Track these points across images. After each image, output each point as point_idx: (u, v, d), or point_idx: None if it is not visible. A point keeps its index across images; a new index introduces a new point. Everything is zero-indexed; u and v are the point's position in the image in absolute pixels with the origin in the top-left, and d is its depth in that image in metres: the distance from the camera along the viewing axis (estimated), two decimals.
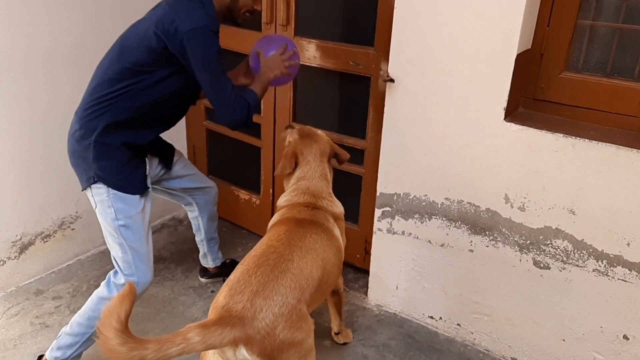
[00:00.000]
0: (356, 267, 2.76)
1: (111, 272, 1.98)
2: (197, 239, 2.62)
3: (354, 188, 2.62)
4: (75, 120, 1.90)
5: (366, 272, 2.60)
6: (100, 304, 1.90)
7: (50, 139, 2.48)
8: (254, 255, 1.67)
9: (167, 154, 2.18)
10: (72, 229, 2.71)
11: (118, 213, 1.89)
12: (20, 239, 2.50)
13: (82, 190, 1.94)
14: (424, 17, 1.98)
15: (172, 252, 2.95)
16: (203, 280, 2.70)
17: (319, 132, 2.11)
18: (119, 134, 1.85)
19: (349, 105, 2.55)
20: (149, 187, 2.00)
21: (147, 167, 1.99)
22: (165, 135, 3.03)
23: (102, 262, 2.78)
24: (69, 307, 2.45)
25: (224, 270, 2.66)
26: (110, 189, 1.87)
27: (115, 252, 1.94)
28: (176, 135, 3.12)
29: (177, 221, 3.25)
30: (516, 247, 2.06)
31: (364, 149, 2.50)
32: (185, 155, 3.21)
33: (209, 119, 3.08)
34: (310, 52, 2.48)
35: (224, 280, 2.57)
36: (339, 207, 2.06)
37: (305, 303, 1.63)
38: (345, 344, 2.29)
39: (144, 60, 1.81)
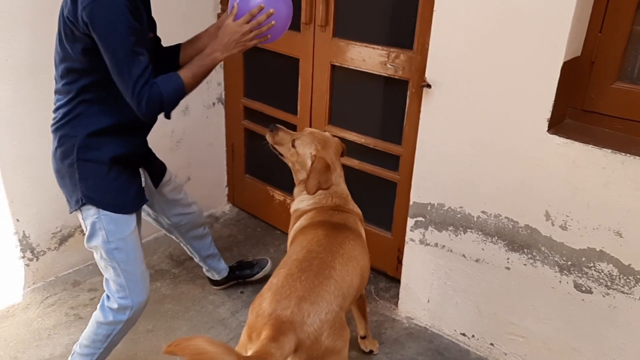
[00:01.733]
0: (388, 276, 2.68)
1: (104, 295, 1.87)
2: (195, 260, 2.51)
3: (388, 194, 2.54)
4: (53, 138, 1.74)
5: (397, 281, 2.52)
6: (100, 329, 1.87)
7: None
8: (295, 259, 1.66)
9: (157, 170, 2.04)
10: None
11: (110, 235, 1.74)
12: (60, 230, 2.58)
13: (70, 213, 1.80)
14: (465, 21, 1.88)
15: None
16: (216, 288, 2.62)
17: (326, 133, 2.08)
18: (101, 146, 1.69)
19: (386, 109, 2.47)
20: (146, 200, 1.90)
21: (142, 179, 1.89)
22: (205, 133, 3.07)
23: None
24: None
25: (234, 275, 2.60)
26: (100, 210, 1.72)
27: (108, 275, 1.82)
28: (215, 134, 3.16)
29: (214, 218, 3.28)
30: (556, 267, 1.92)
31: (400, 155, 2.42)
32: (224, 153, 3.24)
33: (247, 118, 3.08)
34: (349, 54, 2.42)
35: (238, 284, 2.61)
36: (359, 209, 2.06)
37: (344, 311, 1.64)
38: (371, 352, 2.23)
39: (76, 54, 1.59)
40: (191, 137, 3.02)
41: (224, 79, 3.07)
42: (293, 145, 1.99)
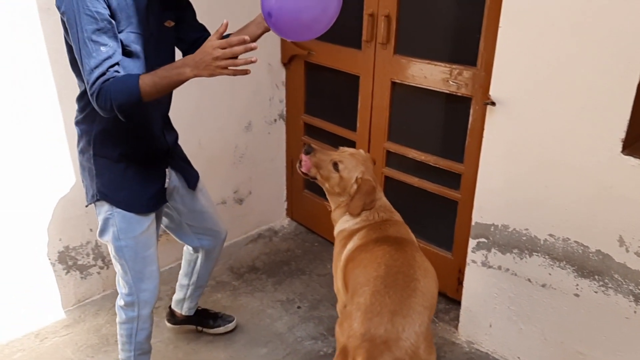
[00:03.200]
0: (447, 297, 2.61)
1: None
2: (181, 282, 2.29)
3: (448, 213, 2.49)
4: (76, 131, 1.75)
5: (458, 303, 2.44)
6: (121, 329, 1.94)
7: None
8: (376, 276, 1.64)
9: (190, 173, 1.98)
10: None
11: (120, 233, 1.73)
12: None
13: (86, 207, 1.83)
14: (532, 37, 1.82)
15: (265, 262, 3.01)
16: (169, 325, 2.43)
17: (361, 151, 2.06)
18: (113, 143, 1.67)
19: (447, 126, 2.43)
20: (165, 202, 1.85)
21: (167, 179, 1.83)
22: (266, 148, 3.12)
23: None
24: (165, 309, 2.60)
25: (195, 319, 2.40)
26: (113, 207, 1.71)
27: (117, 270, 1.84)
28: (276, 150, 3.21)
29: (273, 232, 3.33)
30: (631, 296, 1.80)
31: (461, 173, 2.36)
32: (284, 168, 3.30)
33: (307, 134, 3.12)
34: (410, 71, 2.40)
35: (197, 330, 2.43)
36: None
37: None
38: None
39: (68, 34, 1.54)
40: (253, 152, 3.09)
41: (285, 96, 3.12)
42: (336, 169, 1.93)
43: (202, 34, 1.86)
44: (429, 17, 2.34)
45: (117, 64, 1.50)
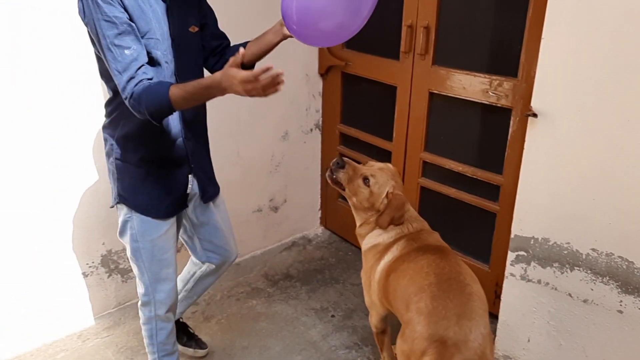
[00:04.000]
0: None
1: None
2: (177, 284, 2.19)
3: (486, 225, 2.46)
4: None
5: (495, 317, 2.40)
6: (144, 330, 1.99)
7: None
8: (429, 283, 1.66)
9: (207, 185, 1.93)
10: None
11: (137, 235, 1.78)
12: None
13: (110, 208, 1.86)
14: (576, 48, 1.79)
15: (299, 270, 3.04)
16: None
17: (389, 165, 2.04)
18: (134, 148, 1.71)
19: (486, 137, 2.41)
20: (185, 207, 1.86)
21: (190, 186, 1.84)
22: (302, 157, 3.16)
23: (236, 274, 2.97)
24: (203, 313, 2.66)
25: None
26: (132, 210, 1.76)
27: (134, 271, 1.88)
28: (311, 159, 3.25)
29: (307, 240, 3.35)
30: None
31: (500, 185, 2.34)
32: (318, 177, 3.32)
33: (343, 143, 3.14)
34: (448, 82, 2.40)
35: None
36: None
37: None
38: None
39: (94, 44, 1.59)
40: (289, 161, 3.13)
41: (321, 106, 3.16)
42: (366, 184, 1.92)
43: (222, 41, 1.89)
44: (469, 28, 2.33)
45: (144, 65, 1.53)
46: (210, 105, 1.83)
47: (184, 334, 2.36)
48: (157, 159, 1.74)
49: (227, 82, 1.41)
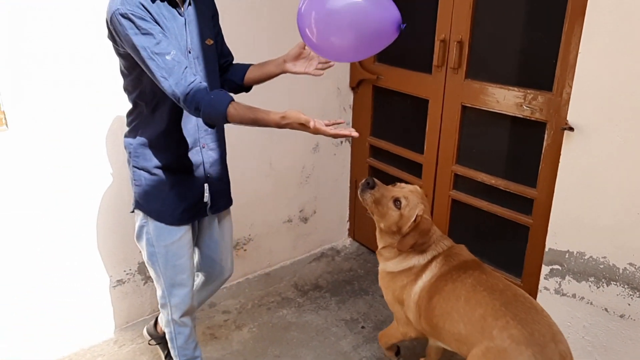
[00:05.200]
0: None
1: None
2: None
3: (518, 238, 2.46)
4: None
5: None
6: (166, 333, 2.04)
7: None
8: (500, 304, 1.66)
9: (217, 196, 1.93)
10: (244, 250, 2.99)
11: (153, 240, 1.83)
12: None
13: (130, 212, 1.92)
14: (614, 64, 1.81)
15: (328, 281, 3.06)
16: (150, 341, 2.35)
17: (417, 187, 2.01)
18: (150, 156, 1.77)
19: (519, 150, 2.41)
20: (202, 216, 1.91)
21: (206, 194, 1.87)
22: (332, 169, 3.19)
23: (267, 284, 3.01)
24: (235, 322, 2.70)
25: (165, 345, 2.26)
26: (147, 215, 1.82)
27: (151, 274, 1.94)
28: (340, 171, 3.28)
29: (335, 251, 3.38)
30: None
31: (534, 198, 2.34)
32: (347, 189, 3.35)
33: (372, 156, 3.17)
34: (481, 95, 2.42)
35: (156, 347, 2.36)
36: None
37: None
38: None
39: (121, 60, 1.68)
40: (319, 172, 3.17)
41: (352, 118, 3.20)
42: (397, 206, 1.90)
43: (228, 58, 1.97)
44: (502, 42, 2.36)
45: (187, 67, 1.59)
46: None
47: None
48: (172, 166, 1.80)
49: (287, 121, 1.54)
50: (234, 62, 2.00)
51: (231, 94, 1.62)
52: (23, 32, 2.01)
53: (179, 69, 1.56)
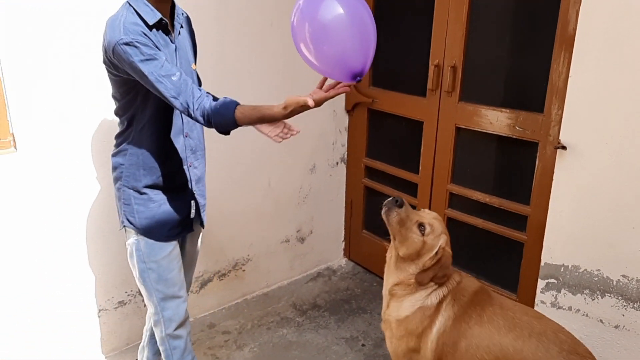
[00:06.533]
0: None
1: None
2: (146, 325, 2.21)
3: (513, 254, 2.54)
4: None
5: None
6: (162, 352, 2.05)
7: (235, 190, 2.83)
8: (558, 352, 1.64)
9: (202, 211, 2.03)
10: (243, 270, 3.01)
11: (144, 257, 1.88)
12: (202, 275, 2.84)
13: (119, 230, 1.96)
14: (604, 85, 1.93)
15: (326, 300, 3.09)
16: None
17: (439, 216, 1.92)
18: (140, 176, 1.83)
19: (512, 169, 2.52)
20: (189, 231, 1.98)
21: (193, 210, 1.96)
22: (327, 190, 3.25)
23: (265, 304, 3.03)
24: (235, 342, 2.70)
25: None
26: (138, 233, 1.87)
27: (143, 292, 1.97)
28: (336, 192, 3.35)
29: (331, 271, 3.42)
30: None
31: (527, 215, 2.43)
32: (342, 210, 3.41)
33: (368, 176, 3.25)
34: (475, 117, 2.53)
35: None
36: None
37: None
38: None
39: (114, 86, 1.77)
40: (316, 193, 3.24)
41: (347, 140, 3.29)
42: (421, 231, 1.78)
43: (198, 82, 2.01)
44: (494, 66, 2.48)
45: (191, 82, 1.68)
46: (244, 139, 2.07)
47: None
48: (161, 185, 1.87)
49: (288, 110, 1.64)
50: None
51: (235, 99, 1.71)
52: (32, 56, 2.05)
53: (186, 87, 1.65)
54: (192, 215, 1.97)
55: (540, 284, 2.29)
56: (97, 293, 2.46)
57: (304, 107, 1.63)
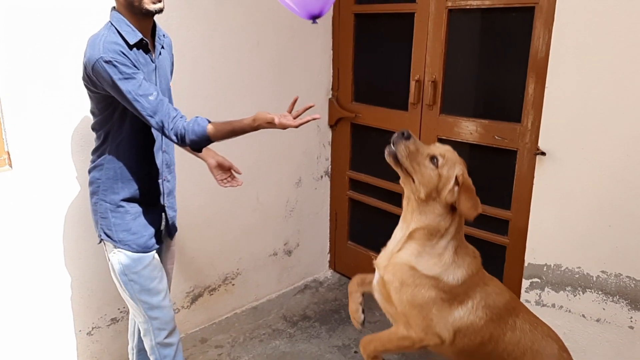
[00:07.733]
0: None
1: None
2: (129, 344, 2.27)
3: (495, 257, 2.67)
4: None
5: None
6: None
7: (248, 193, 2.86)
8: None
9: (173, 222, 2.11)
10: (233, 284, 3.03)
11: (125, 269, 1.92)
12: (193, 290, 2.85)
13: (97, 244, 2.00)
14: (577, 96, 2.09)
15: (316, 311, 3.14)
16: None
17: (448, 147, 1.79)
18: (118, 190, 1.88)
19: (493, 176, 2.66)
20: (161, 242, 2.04)
21: (163, 222, 2.04)
22: (312, 203, 3.32)
23: (256, 317, 3.06)
24: (229, 355, 2.71)
25: None
26: (117, 246, 1.91)
27: (128, 304, 2.01)
28: (321, 205, 3.42)
29: (318, 283, 3.47)
30: None
31: (509, 219, 2.57)
32: (327, 222, 3.49)
33: (352, 189, 3.34)
34: (455, 129, 2.67)
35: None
36: None
37: None
38: None
39: (93, 101, 1.84)
40: (302, 206, 3.30)
41: (330, 153, 3.38)
42: (434, 164, 1.63)
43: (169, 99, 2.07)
44: (473, 80, 2.64)
45: (166, 101, 1.75)
46: (233, 155, 2.18)
47: None
48: (137, 198, 1.93)
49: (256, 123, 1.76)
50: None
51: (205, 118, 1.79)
52: (26, 75, 2.07)
53: (162, 107, 1.73)
54: (162, 226, 2.04)
55: (525, 283, 2.41)
56: (90, 310, 2.44)
57: (270, 124, 1.75)
